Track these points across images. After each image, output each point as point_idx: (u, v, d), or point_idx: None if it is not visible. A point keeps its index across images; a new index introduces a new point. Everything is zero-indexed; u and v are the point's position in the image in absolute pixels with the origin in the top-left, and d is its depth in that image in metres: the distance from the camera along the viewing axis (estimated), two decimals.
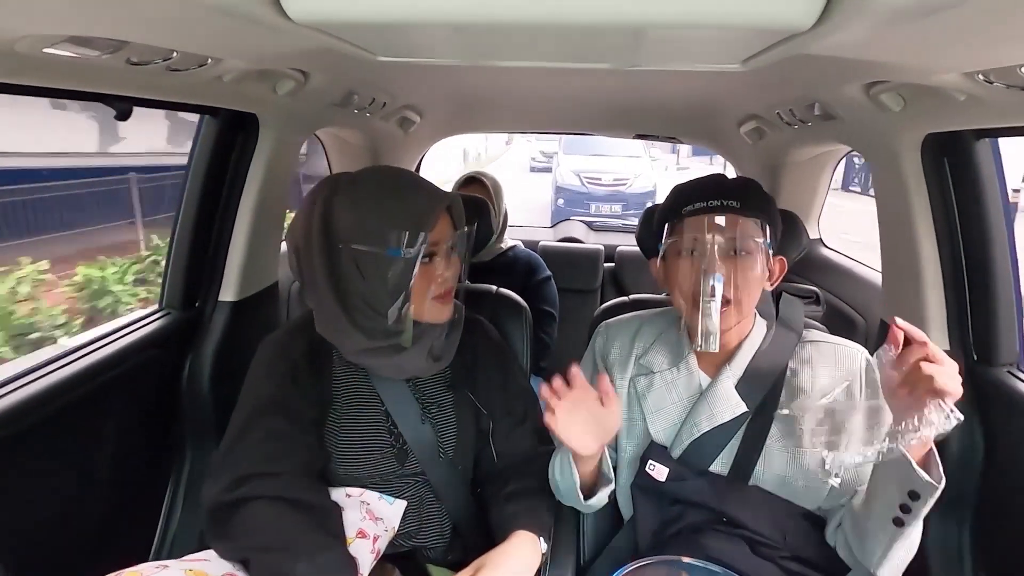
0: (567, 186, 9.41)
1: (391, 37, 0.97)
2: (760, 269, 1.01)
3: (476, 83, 1.82)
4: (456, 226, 1.08)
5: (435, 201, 1.02)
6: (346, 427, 1.08)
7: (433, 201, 1.02)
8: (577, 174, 9.41)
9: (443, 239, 1.04)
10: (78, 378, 1.25)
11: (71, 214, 6.36)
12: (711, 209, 1.00)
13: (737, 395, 1.05)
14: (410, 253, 0.98)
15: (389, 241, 0.98)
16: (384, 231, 0.98)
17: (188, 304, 1.60)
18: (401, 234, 0.98)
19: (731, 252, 0.99)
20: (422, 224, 0.99)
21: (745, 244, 0.99)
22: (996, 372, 1.33)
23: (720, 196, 1.01)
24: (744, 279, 0.99)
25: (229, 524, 0.92)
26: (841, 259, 2.25)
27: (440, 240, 1.04)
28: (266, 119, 1.55)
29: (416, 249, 0.98)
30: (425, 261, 1.02)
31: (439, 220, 1.03)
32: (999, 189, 1.31)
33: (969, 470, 1.34)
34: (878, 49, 0.86)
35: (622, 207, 8.99)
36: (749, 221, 1.00)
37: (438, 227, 1.03)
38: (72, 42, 0.79)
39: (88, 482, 1.31)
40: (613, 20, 0.73)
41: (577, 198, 9.16)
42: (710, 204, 1.00)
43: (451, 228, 1.07)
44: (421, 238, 0.99)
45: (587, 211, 8.84)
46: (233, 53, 1.02)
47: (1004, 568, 1.31)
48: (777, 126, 1.83)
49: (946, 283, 1.38)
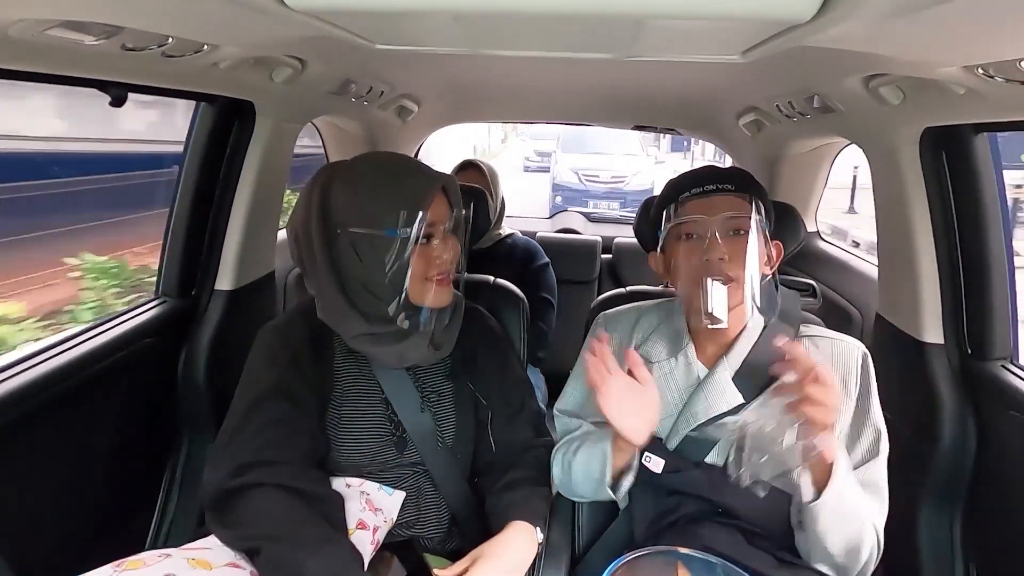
0: (565, 183, 9.39)
1: (389, 25, 0.96)
2: (759, 248, 1.01)
3: (475, 72, 1.81)
4: (453, 207, 1.08)
5: (431, 181, 1.03)
6: (346, 414, 1.08)
7: (429, 181, 1.03)
8: (575, 171, 9.39)
9: (440, 220, 1.05)
10: (73, 366, 1.24)
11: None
12: (707, 193, 1.03)
13: (734, 387, 1.05)
14: (407, 233, 0.99)
15: (386, 222, 0.99)
16: (381, 212, 0.99)
17: (184, 292, 1.59)
18: (398, 214, 0.98)
19: (730, 232, 1.01)
20: (419, 204, 0.99)
21: (743, 223, 1.01)
22: (990, 366, 1.33)
23: (715, 181, 1.04)
24: (744, 259, 1.00)
25: (233, 512, 0.92)
26: (838, 252, 2.26)
27: (437, 221, 1.04)
28: (263, 107, 1.54)
29: (414, 230, 0.99)
30: (423, 242, 1.02)
31: (435, 200, 1.03)
32: (997, 184, 1.32)
33: (962, 463, 1.35)
34: (878, 42, 0.85)
35: (620, 204, 8.83)
36: (745, 202, 1.02)
37: (435, 208, 1.03)
38: (67, 27, 0.78)
39: (84, 470, 1.31)
40: (613, 10, 0.72)
41: (575, 195, 9.07)
42: (706, 188, 1.03)
43: (448, 209, 1.07)
44: (418, 218, 0.99)
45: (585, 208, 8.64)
46: (229, 40, 1.01)
47: (995, 561, 1.32)
48: (776, 118, 1.82)
49: (941, 277, 1.38)
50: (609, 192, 9.27)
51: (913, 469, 1.39)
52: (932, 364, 1.39)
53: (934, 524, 1.39)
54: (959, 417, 1.36)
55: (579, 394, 1.20)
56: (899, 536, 1.44)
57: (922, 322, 1.40)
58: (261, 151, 1.58)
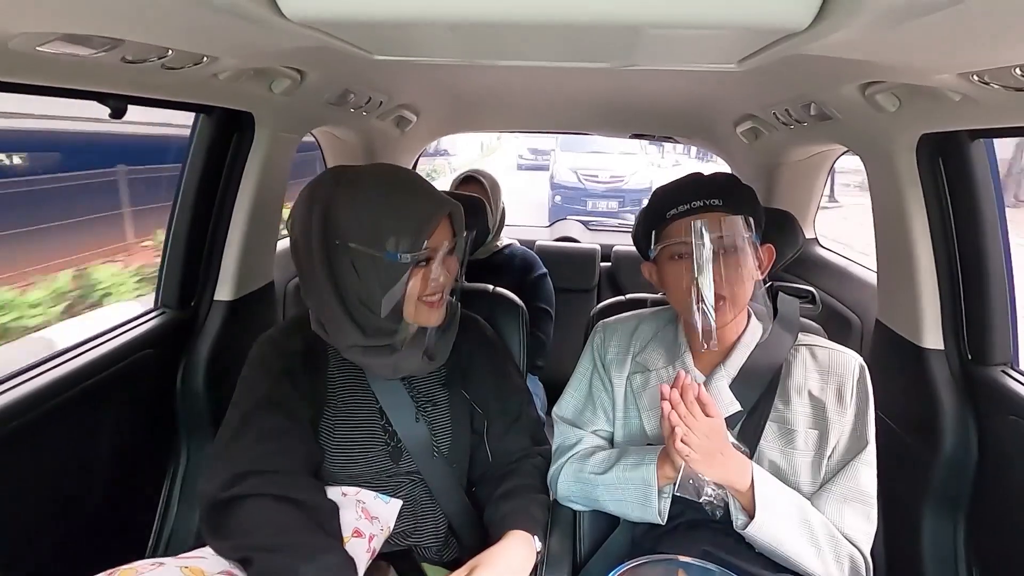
0: (564, 183, 9.49)
1: (387, 36, 0.97)
2: (750, 263, 1.01)
3: (473, 83, 1.82)
4: (455, 231, 1.07)
5: (436, 208, 1.01)
6: (341, 425, 1.08)
7: (434, 208, 1.01)
8: (574, 171, 9.50)
9: (440, 245, 1.03)
10: (73, 377, 1.24)
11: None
12: (694, 211, 1.01)
13: (731, 394, 1.05)
14: (407, 259, 0.98)
15: (387, 245, 0.97)
16: (383, 234, 0.97)
17: (183, 303, 1.59)
18: (399, 239, 0.97)
19: (720, 251, 0.99)
20: (422, 231, 0.98)
21: (732, 241, 1.00)
22: (990, 372, 1.33)
23: (702, 196, 1.01)
24: (736, 275, 0.99)
25: (227, 522, 0.92)
26: (837, 259, 2.26)
27: (437, 246, 1.02)
28: (262, 117, 1.54)
29: (413, 256, 0.98)
30: (422, 265, 1.02)
31: (439, 226, 1.02)
32: (994, 189, 1.32)
33: (963, 469, 1.34)
34: (874, 49, 0.86)
35: (618, 204, 9.14)
36: (733, 218, 1.01)
37: (438, 234, 1.02)
38: (67, 40, 0.78)
39: (84, 480, 1.30)
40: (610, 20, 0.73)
41: (574, 195, 9.25)
42: (693, 206, 1.01)
43: (451, 234, 1.06)
44: (421, 244, 0.98)
45: (584, 207, 8.94)
46: (228, 51, 1.01)
47: (998, 566, 1.31)
48: (773, 126, 1.83)
49: (940, 283, 1.38)
50: (608, 191, 9.40)
51: (915, 475, 1.39)
52: (932, 369, 1.39)
53: (936, 529, 1.38)
54: (960, 422, 1.35)
55: (578, 402, 1.20)
56: (902, 542, 1.43)
57: (922, 328, 1.40)
58: (260, 162, 1.59)
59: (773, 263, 1.10)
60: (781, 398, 1.06)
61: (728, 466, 0.96)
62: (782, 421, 1.05)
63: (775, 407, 1.06)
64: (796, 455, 1.03)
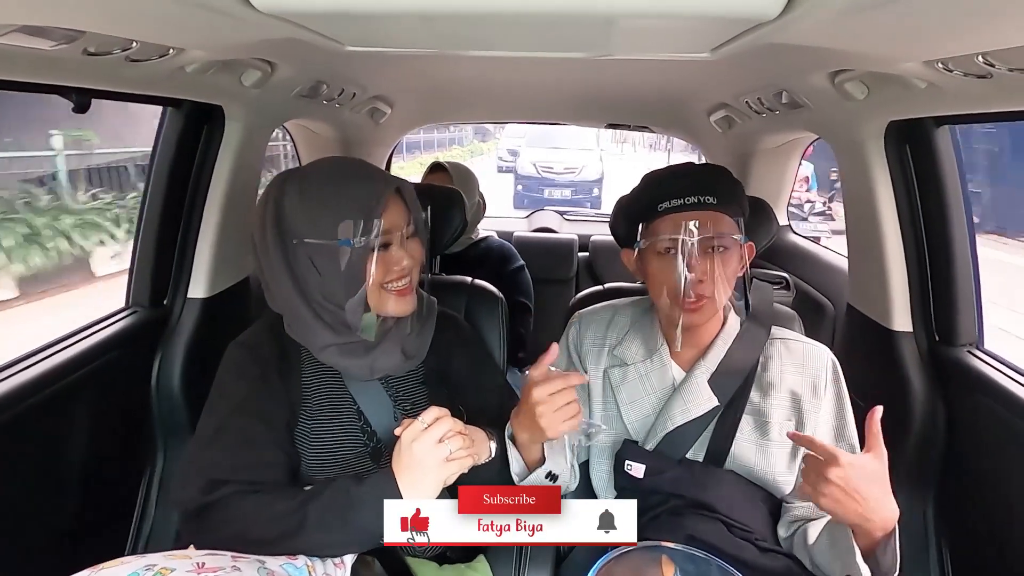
0: (525, 174, 11.10)
1: (358, 26, 0.95)
2: (737, 262, 1.02)
3: (447, 73, 1.81)
4: (411, 211, 1.05)
5: (383, 186, 0.99)
6: (318, 427, 1.06)
7: (381, 186, 0.99)
8: (534, 164, 11.06)
9: (396, 226, 1.01)
10: (43, 380, 1.21)
11: None
12: (688, 207, 0.99)
13: (709, 390, 1.07)
14: (362, 242, 0.96)
15: (339, 232, 0.95)
16: (333, 222, 0.95)
17: (156, 302, 1.56)
18: (351, 223, 0.95)
19: (709, 249, 0.99)
20: (372, 211, 0.96)
21: (724, 241, 0.99)
22: (956, 352, 1.37)
23: (695, 192, 1.00)
24: (721, 275, 0.99)
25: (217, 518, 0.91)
26: (809, 245, 2.31)
27: (393, 227, 1.00)
28: (232, 111, 1.51)
29: (368, 238, 0.96)
30: (381, 250, 0.99)
31: (390, 206, 1.00)
32: (959, 175, 1.35)
33: (931, 447, 1.39)
34: (842, 38, 0.87)
35: (571, 192, 10.86)
36: (727, 218, 1.00)
37: (391, 213, 0.99)
38: (24, 32, 0.76)
39: (59, 483, 1.28)
40: (583, 9, 0.73)
41: (534, 184, 10.89)
42: (687, 201, 0.99)
43: (405, 214, 1.03)
44: (373, 226, 0.96)
45: (541, 195, 10.52)
46: (195, 43, 0.99)
47: (967, 541, 1.36)
48: (746, 115, 1.85)
49: (909, 266, 1.42)
50: (563, 182, 11.07)
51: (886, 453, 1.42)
52: (902, 351, 1.43)
53: (907, 508, 1.41)
54: (929, 402, 1.39)
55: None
56: None
57: (891, 310, 1.44)
58: (232, 156, 1.56)
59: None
60: (757, 391, 1.07)
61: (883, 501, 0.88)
62: (757, 414, 1.06)
63: (751, 400, 1.07)
64: (771, 447, 1.05)
